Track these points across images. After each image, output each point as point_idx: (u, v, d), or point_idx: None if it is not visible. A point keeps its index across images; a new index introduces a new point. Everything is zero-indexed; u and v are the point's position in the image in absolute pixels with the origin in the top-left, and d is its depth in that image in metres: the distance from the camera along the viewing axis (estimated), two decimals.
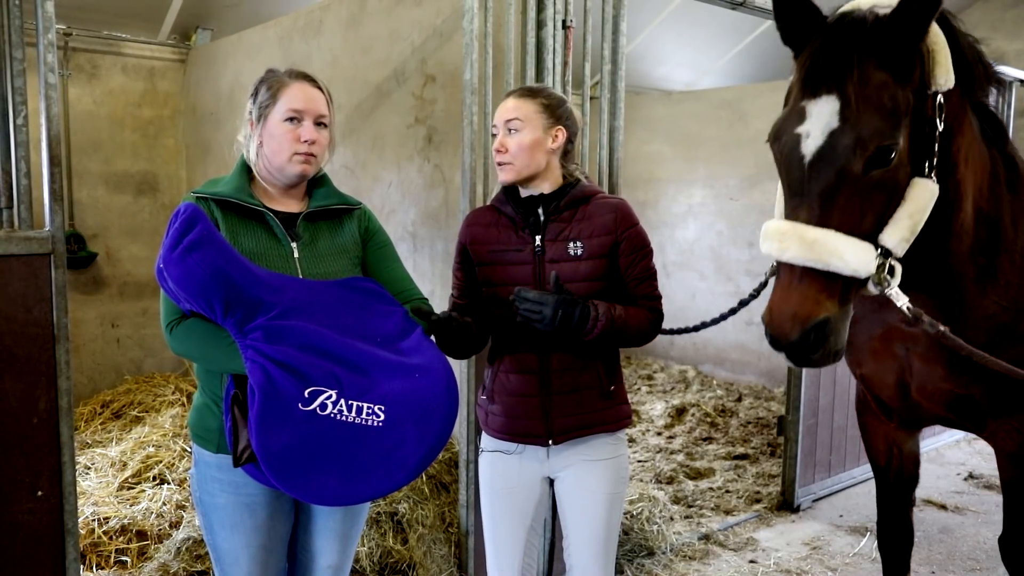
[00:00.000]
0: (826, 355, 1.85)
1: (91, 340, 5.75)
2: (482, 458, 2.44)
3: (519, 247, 2.28)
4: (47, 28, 2.28)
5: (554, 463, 2.34)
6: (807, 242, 1.78)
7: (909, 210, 1.84)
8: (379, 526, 3.36)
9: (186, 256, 1.78)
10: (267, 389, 1.79)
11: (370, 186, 4.17)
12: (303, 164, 2.07)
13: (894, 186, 1.85)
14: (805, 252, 1.79)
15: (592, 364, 2.29)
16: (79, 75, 5.64)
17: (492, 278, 2.31)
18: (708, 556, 3.99)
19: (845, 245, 1.78)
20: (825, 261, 1.78)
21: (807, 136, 1.84)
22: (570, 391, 2.28)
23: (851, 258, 1.78)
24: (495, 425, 2.36)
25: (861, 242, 1.80)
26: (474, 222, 2.37)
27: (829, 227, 1.79)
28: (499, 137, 2.25)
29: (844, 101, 1.80)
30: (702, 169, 7.57)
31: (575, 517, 2.35)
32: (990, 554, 4.11)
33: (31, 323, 2.26)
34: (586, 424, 2.30)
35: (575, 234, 2.25)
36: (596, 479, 2.32)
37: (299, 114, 2.05)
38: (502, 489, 2.37)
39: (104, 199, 5.81)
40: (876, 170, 1.80)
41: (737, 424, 6.09)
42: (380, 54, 4.07)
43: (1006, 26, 8.63)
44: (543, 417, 2.28)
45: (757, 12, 4.09)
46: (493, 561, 2.42)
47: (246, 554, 2.07)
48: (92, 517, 3.50)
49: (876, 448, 2.87)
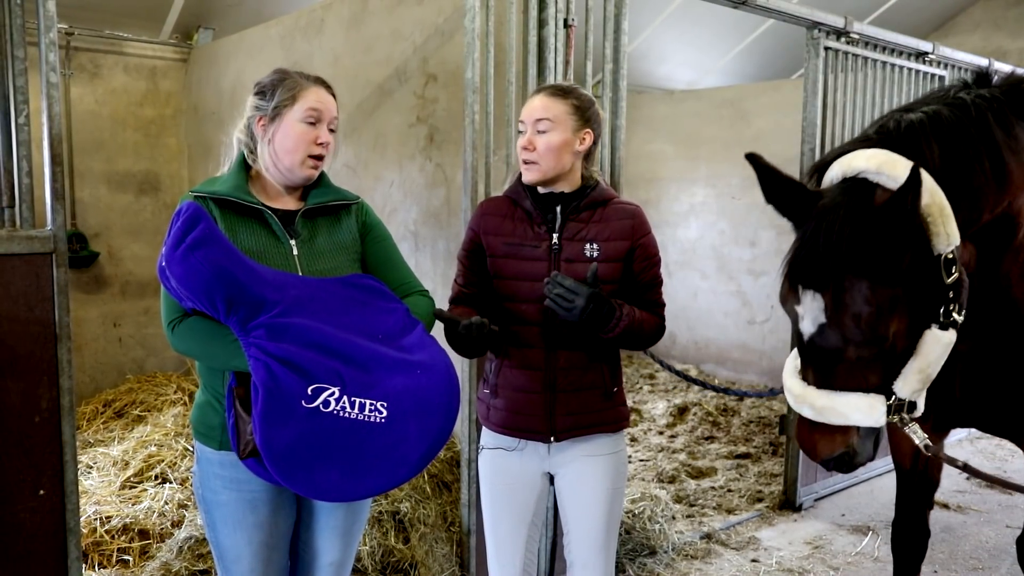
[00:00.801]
0: (857, 466, 2.04)
1: (93, 339, 5.76)
2: (482, 456, 2.44)
3: (535, 243, 2.27)
4: (49, 27, 2.28)
5: (555, 459, 2.34)
6: (817, 409, 1.96)
7: (919, 365, 1.92)
8: (381, 525, 3.36)
9: (189, 255, 1.79)
10: (270, 386, 1.79)
11: (372, 185, 4.17)
12: (312, 168, 2.09)
13: (899, 351, 1.92)
14: (817, 416, 1.97)
15: (597, 364, 2.30)
16: (81, 74, 5.65)
17: (504, 271, 2.30)
18: (710, 555, 3.99)
19: (855, 405, 1.92)
20: (835, 420, 1.95)
21: (802, 319, 1.96)
22: (574, 390, 2.28)
23: (861, 417, 1.93)
24: (496, 419, 2.35)
25: (871, 397, 1.92)
26: (489, 212, 2.35)
27: (837, 389, 1.94)
28: (527, 135, 2.23)
29: (827, 303, 1.89)
30: (704, 168, 7.57)
31: (576, 513, 2.35)
32: (992, 553, 4.10)
33: (33, 322, 2.26)
34: (588, 424, 2.30)
35: (592, 235, 2.26)
36: (597, 475, 2.33)
37: (318, 115, 2.06)
38: (503, 486, 2.37)
39: (106, 198, 5.81)
40: (872, 349, 1.90)
41: (739, 423, 6.09)
42: (382, 53, 4.07)
43: (1008, 24, 8.62)
44: (546, 414, 2.28)
45: (759, 11, 4.08)
46: (494, 558, 2.42)
47: (248, 551, 2.08)
48: (94, 516, 3.50)
49: (904, 451, 2.86)
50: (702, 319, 7.57)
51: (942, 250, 1.90)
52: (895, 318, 1.88)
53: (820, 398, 1.96)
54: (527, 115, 2.25)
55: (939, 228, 1.88)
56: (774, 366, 6.87)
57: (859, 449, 2.00)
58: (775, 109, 6.88)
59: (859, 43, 4.59)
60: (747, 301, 7.29)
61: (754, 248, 7.18)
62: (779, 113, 6.76)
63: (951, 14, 9.03)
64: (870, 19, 7.66)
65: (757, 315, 7.20)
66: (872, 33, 4.61)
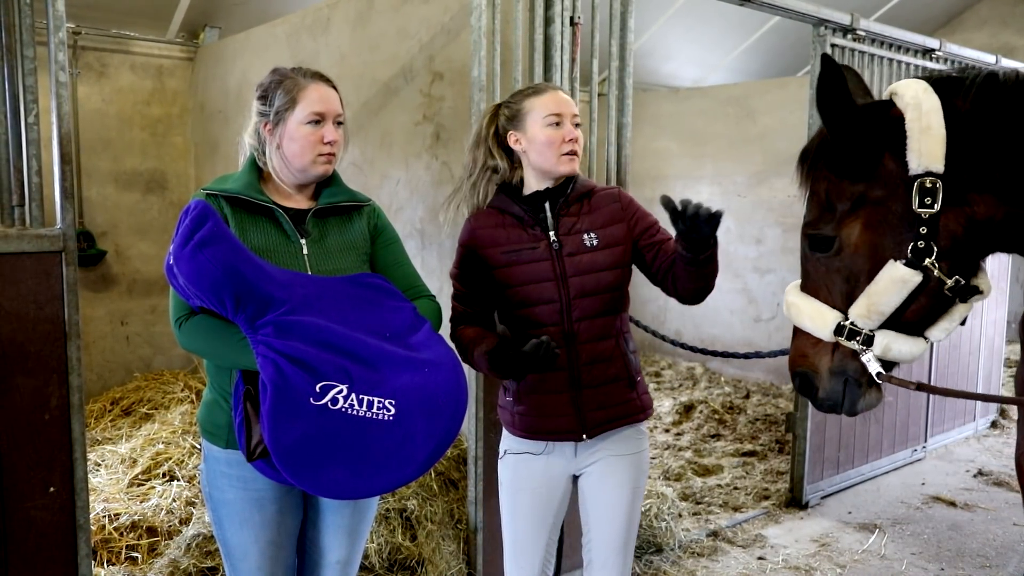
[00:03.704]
0: (820, 404, 2.08)
1: (100, 337, 5.78)
2: (505, 460, 2.42)
3: (533, 244, 2.28)
4: (58, 27, 2.29)
5: (581, 459, 2.34)
6: (786, 304, 2.12)
7: (870, 290, 1.93)
8: (388, 522, 3.37)
9: (197, 252, 1.79)
10: (279, 384, 1.80)
11: (378, 183, 4.18)
12: (326, 164, 2.10)
13: (851, 270, 1.97)
14: (786, 311, 2.12)
15: (618, 356, 2.31)
16: (88, 74, 5.66)
17: (511, 279, 2.29)
18: (716, 553, 3.99)
19: (808, 309, 2.03)
20: (796, 321, 2.08)
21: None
22: (600, 384, 2.28)
23: (808, 323, 2.03)
24: (523, 425, 2.33)
25: (825, 309, 2.01)
26: (478, 226, 2.35)
27: (808, 293, 2.06)
28: (569, 127, 2.27)
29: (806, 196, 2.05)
30: (709, 166, 7.56)
31: (598, 512, 2.36)
32: (999, 551, 4.10)
33: (42, 320, 2.27)
34: (617, 416, 2.32)
35: (586, 226, 2.28)
36: (621, 474, 2.34)
37: (321, 116, 2.06)
38: (526, 489, 2.36)
39: (113, 197, 5.83)
40: (820, 254, 2.00)
41: (745, 421, 6.08)
42: (388, 51, 4.07)
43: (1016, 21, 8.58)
44: (575, 413, 2.28)
45: (765, 8, 4.07)
46: (511, 559, 2.41)
47: (255, 549, 2.09)
48: (103, 513, 3.51)
49: None
50: (708, 316, 7.56)
51: (915, 170, 1.84)
52: (856, 225, 1.93)
53: (791, 294, 2.09)
54: (565, 108, 2.28)
55: (915, 144, 1.84)
56: (780, 364, 6.85)
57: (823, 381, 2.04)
58: (781, 106, 6.87)
59: (865, 40, 4.58)
60: (753, 299, 7.28)
61: (760, 246, 7.17)
62: (785, 110, 6.75)
63: (958, 11, 9.00)
64: (876, 16, 7.64)
65: (763, 313, 7.19)
66: (878, 30, 4.60)
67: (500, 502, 2.43)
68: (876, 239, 1.92)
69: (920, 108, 1.85)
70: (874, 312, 1.93)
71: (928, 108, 1.85)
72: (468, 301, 2.36)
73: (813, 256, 2.02)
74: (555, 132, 2.26)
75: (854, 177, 1.92)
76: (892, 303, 1.91)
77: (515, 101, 2.35)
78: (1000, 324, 6.14)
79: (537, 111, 2.27)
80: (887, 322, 1.94)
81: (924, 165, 1.83)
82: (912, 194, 1.86)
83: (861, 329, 1.95)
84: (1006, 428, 6.20)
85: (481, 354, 2.17)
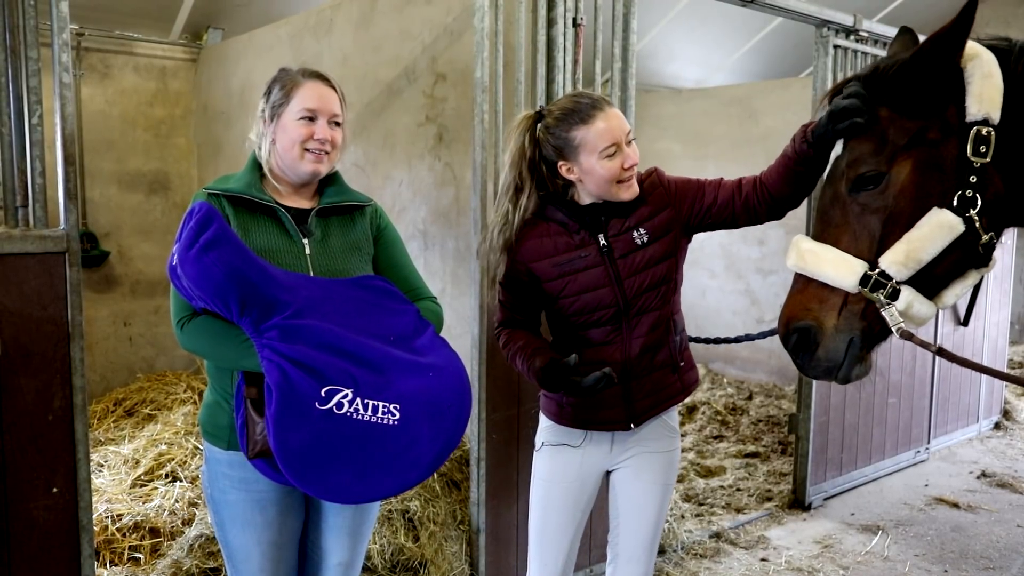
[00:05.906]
0: (816, 365, 1.97)
1: (103, 338, 5.78)
2: (542, 453, 2.41)
3: (582, 252, 2.22)
4: (61, 28, 2.29)
5: (616, 454, 2.35)
6: (801, 252, 1.97)
7: (911, 235, 1.87)
8: (391, 523, 3.37)
9: (203, 255, 1.79)
10: (284, 388, 1.79)
11: (381, 184, 4.18)
12: (315, 163, 2.06)
13: (892, 212, 1.89)
14: (798, 261, 1.97)
15: (666, 342, 2.30)
16: (91, 75, 5.67)
17: (564, 291, 2.24)
18: (719, 554, 3.99)
19: (830, 258, 1.91)
20: (812, 270, 1.94)
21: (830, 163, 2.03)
22: (648, 373, 2.29)
23: (831, 271, 1.91)
24: (569, 417, 2.32)
25: (849, 258, 1.90)
26: (523, 237, 2.25)
27: (827, 243, 1.94)
28: (626, 152, 2.15)
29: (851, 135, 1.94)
30: (712, 167, 7.54)
31: (628, 507, 2.37)
32: (1003, 552, 4.09)
33: (46, 321, 2.27)
34: (660, 401, 2.32)
35: (635, 221, 2.24)
36: (653, 470, 2.36)
37: (313, 113, 2.05)
38: (560, 482, 2.36)
39: (116, 198, 5.84)
40: (863, 194, 1.90)
41: (748, 422, 6.08)
42: (391, 53, 4.07)
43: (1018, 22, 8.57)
44: (625, 403, 2.28)
45: (768, 9, 4.07)
46: (536, 554, 2.41)
47: (257, 550, 2.09)
48: (106, 514, 3.52)
49: None
50: (710, 318, 7.55)
51: (974, 115, 1.83)
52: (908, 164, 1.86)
53: (807, 243, 1.97)
54: (620, 134, 2.14)
55: (976, 89, 1.83)
56: (783, 365, 6.85)
57: (826, 338, 1.92)
58: (784, 108, 6.86)
59: (868, 41, 4.57)
60: (756, 300, 7.27)
61: (763, 247, 7.16)
62: (788, 112, 6.73)
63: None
64: (879, 16, 7.62)
65: (766, 314, 7.18)
66: (881, 31, 4.59)
67: (531, 494, 2.42)
68: (925, 182, 1.87)
69: (982, 58, 1.85)
70: (911, 260, 1.86)
71: (989, 59, 1.85)
72: (515, 308, 2.33)
73: (850, 198, 1.92)
74: (614, 163, 2.13)
75: (913, 114, 1.87)
76: (931, 251, 1.85)
77: (560, 127, 2.17)
78: (1003, 325, 6.14)
79: (590, 144, 2.12)
80: (913, 278, 1.88)
81: (984, 111, 1.82)
82: (967, 141, 1.83)
83: (887, 281, 1.87)
84: (1009, 429, 6.19)
85: (534, 369, 2.15)
